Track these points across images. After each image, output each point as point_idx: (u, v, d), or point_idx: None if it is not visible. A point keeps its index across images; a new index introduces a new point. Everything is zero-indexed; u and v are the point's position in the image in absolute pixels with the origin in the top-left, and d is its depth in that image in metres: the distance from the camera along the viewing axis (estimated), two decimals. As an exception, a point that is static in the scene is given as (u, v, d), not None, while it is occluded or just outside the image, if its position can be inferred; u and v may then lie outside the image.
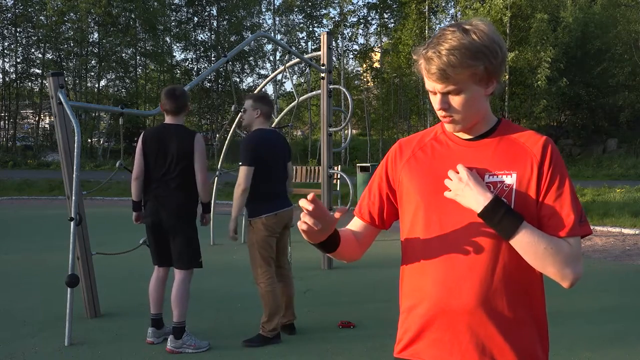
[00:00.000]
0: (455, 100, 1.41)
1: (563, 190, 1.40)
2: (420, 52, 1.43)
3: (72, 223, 4.28)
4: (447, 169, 1.48)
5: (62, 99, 4.52)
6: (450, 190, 1.43)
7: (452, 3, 26.09)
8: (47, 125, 29.75)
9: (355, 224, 1.65)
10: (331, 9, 27.79)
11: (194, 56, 29.20)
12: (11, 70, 27.70)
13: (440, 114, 1.45)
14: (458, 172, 1.44)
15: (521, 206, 1.40)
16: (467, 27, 1.40)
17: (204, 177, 4.01)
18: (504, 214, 1.37)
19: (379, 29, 27.92)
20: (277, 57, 27.92)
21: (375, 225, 1.63)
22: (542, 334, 1.48)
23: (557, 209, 1.40)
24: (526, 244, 1.36)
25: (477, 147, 1.48)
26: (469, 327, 1.41)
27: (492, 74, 1.41)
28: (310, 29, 27.95)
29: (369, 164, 12.58)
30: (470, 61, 1.37)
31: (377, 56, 28.95)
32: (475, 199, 1.38)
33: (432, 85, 1.42)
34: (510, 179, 1.42)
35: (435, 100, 1.44)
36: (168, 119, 4.08)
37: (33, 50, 27.46)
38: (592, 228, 1.40)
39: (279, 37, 26.85)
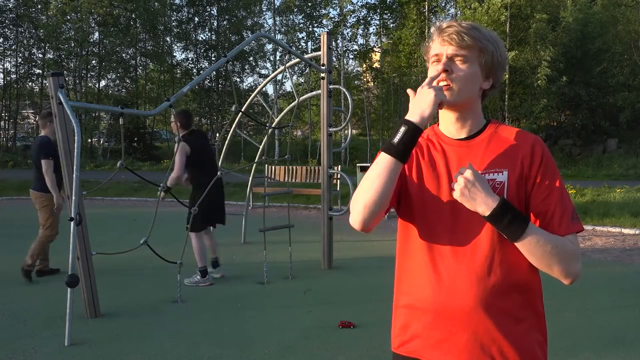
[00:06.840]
0: (459, 68, 1.44)
1: (556, 188, 1.43)
2: (434, 29, 1.49)
3: (72, 223, 4.28)
4: (442, 169, 1.49)
5: (62, 99, 4.51)
6: (455, 191, 1.40)
7: (452, 3, 26.08)
8: (47, 125, 29.69)
9: None
10: (331, 9, 27.79)
11: (194, 56, 29.23)
12: (12, 70, 27.71)
13: (438, 77, 1.44)
14: (462, 173, 1.40)
15: (512, 202, 1.41)
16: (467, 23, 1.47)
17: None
18: (511, 217, 1.36)
19: (378, 29, 27.92)
20: (277, 57, 27.92)
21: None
22: (541, 332, 1.48)
23: (553, 207, 1.41)
24: (533, 245, 1.37)
25: (468, 147, 1.49)
26: (468, 327, 1.42)
27: (493, 67, 1.47)
28: (310, 29, 27.95)
29: (369, 164, 12.56)
30: (484, 40, 1.45)
31: (377, 56, 28.94)
32: (483, 202, 1.36)
33: (440, 49, 1.45)
34: (501, 177, 1.44)
35: (440, 64, 1.44)
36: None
37: (34, 50, 27.46)
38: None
39: (279, 37, 26.83)
